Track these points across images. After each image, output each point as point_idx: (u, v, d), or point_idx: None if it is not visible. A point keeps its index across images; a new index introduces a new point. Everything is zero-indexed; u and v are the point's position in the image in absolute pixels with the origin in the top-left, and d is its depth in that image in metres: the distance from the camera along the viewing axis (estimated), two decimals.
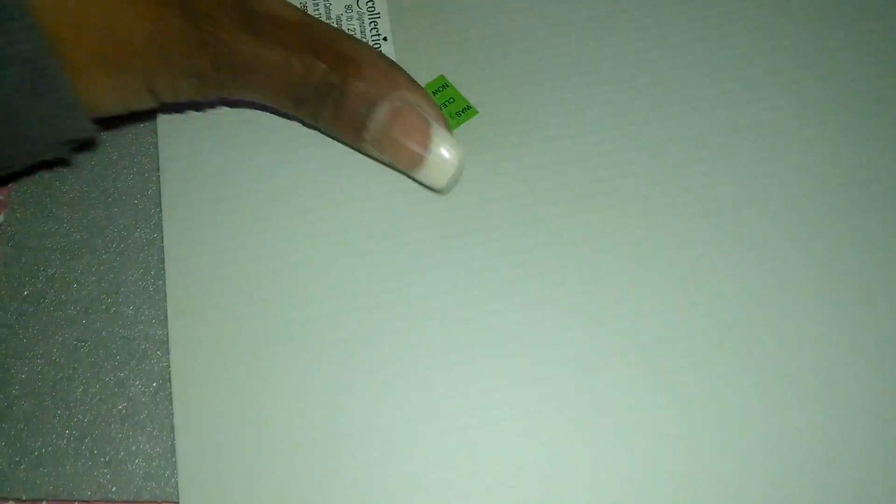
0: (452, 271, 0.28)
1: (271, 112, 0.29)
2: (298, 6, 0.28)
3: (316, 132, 0.29)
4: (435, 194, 0.29)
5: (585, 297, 0.27)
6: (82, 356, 0.27)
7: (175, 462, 0.25)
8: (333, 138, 0.28)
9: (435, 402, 0.26)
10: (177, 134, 0.29)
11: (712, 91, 0.31)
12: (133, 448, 0.26)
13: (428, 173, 0.26)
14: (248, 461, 0.25)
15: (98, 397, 0.26)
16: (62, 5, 0.21)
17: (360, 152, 0.28)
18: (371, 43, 0.31)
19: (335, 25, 0.29)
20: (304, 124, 0.29)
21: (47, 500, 0.25)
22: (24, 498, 0.25)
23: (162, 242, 0.28)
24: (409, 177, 0.28)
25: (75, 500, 0.25)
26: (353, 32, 0.31)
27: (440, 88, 0.31)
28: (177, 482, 0.25)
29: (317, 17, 0.28)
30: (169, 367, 0.26)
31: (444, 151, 0.25)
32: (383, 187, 0.29)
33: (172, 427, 0.25)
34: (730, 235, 0.28)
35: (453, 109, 0.30)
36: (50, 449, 0.26)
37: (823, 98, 0.31)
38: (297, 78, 0.24)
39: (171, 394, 0.26)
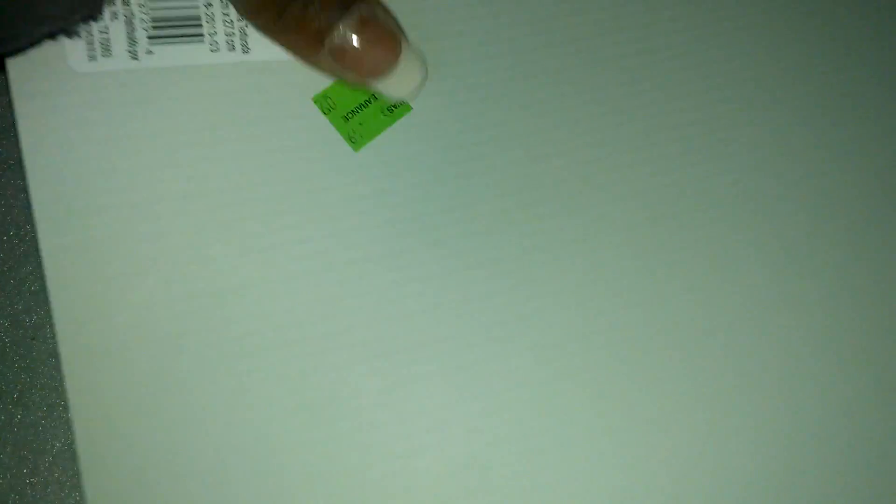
0: (382, 269, 0.25)
1: None
2: None
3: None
4: (363, 201, 0.25)
5: (539, 304, 0.26)
6: None
7: None
8: (285, 47, 0.26)
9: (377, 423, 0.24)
10: (56, 212, 0.24)
11: (671, 83, 0.28)
12: None
13: (394, 82, 0.25)
14: None
15: None
16: None
17: (311, 65, 0.26)
18: None
19: None
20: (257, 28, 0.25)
21: None
22: None
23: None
24: (370, 87, 0.26)
25: None
26: None
27: None
28: None
29: None
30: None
31: (410, 60, 0.25)
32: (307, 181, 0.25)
33: None
34: (712, 235, 0.27)
35: (385, 105, 0.26)
36: None
37: (818, 98, 0.29)
38: None
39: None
